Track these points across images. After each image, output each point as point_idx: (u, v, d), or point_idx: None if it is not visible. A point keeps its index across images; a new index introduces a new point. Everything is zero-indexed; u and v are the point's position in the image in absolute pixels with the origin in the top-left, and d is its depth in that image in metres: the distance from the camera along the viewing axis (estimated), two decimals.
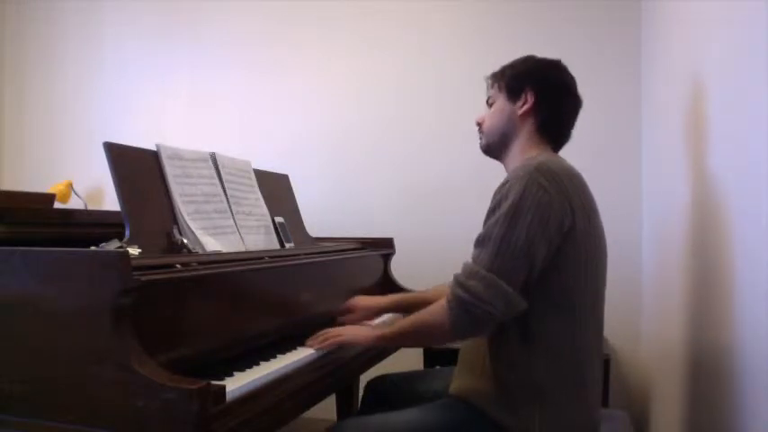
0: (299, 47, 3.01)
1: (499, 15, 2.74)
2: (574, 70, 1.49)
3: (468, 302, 1.23)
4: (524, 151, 1.45)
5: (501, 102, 1.48)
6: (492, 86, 1.52)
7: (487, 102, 1.53)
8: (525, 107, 1.44)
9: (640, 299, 2.52)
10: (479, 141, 1.53)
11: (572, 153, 2.73)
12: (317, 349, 1.45)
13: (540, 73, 1.47)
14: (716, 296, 1.35)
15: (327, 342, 1.47)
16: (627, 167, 2.57)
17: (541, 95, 1.44)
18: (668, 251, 1.98)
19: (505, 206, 1.26)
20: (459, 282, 1.26)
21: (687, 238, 1.66)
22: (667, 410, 2.00)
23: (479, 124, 1.53)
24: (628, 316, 2.52)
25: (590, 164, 2.61)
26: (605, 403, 2.18)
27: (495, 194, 1.31)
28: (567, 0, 2.63)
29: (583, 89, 1.47)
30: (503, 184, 1.31)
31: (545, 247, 1.25)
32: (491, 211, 1.30)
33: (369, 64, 2.87)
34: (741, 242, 1.20)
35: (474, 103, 2.80)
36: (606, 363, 2.21)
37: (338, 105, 2.94)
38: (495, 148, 1.50)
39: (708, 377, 1.41)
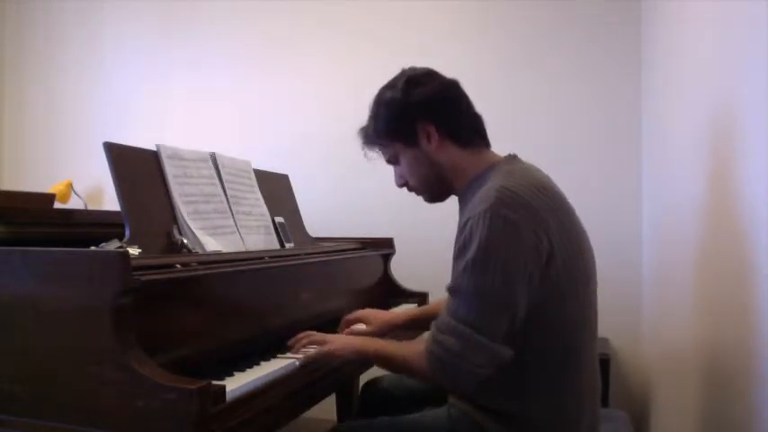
0: (299, 46, 3.01)
1: (499, 15, 2.74)
2: (574, 70, 1.44)
3: (445, 360, 1.14)
4: (467, 173, 1.32)
5: (406, 153, 1.35)
6: (381, 147, 1.39)
7: (389, 162, 1.41)
8: (434, 141, 1.31)
9: (640, 299, 2.52)
10: (422, 198, 1.42)
11: (572, 153, 2.71)
12: (300, 361, 1.33)
13: (416, 100, 1.32)
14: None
15: (313, 355, 1.34)
16: (627, 167, 2.56)
17: (435, 118, 1.31)
18: (671, 251, 1.97)
19: (473, 249, 1.13)
20: (433, 337, 1.17)
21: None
22: (670, 410, 2.00)
23: (404, 185, 1.41)
24: (628, 316, 2.52)
25: (590, 164, 2.65)
26: (605, 403, 2.18)
27: (459, 234, 1.19)
28: (567, 0, 2.64)
29: (583, 89, 1.44)
30: (465, 223, 1.18)
31: (525, 286, 1.14)
32: (458, 255, 1.18)
33: (368, 64, 2.87)
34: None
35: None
36: (606, 363, 2.21)
37: (338, 105, 2.94)
38: (441, 192, 1.39)
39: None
